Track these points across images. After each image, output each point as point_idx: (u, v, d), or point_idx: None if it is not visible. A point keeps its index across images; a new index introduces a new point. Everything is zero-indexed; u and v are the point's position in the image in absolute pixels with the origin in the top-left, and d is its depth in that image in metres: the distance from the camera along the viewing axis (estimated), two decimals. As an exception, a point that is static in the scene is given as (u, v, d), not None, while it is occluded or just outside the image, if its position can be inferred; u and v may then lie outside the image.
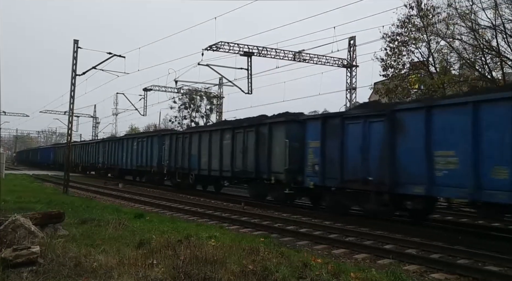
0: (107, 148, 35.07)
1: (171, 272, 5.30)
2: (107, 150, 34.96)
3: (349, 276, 5.66)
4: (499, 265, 7.84)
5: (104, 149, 35.87)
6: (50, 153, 56.94)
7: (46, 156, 58.68)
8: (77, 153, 44.09)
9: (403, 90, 21.98)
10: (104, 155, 35.87)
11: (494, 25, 18.78)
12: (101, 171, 37.33)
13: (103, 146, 36.24)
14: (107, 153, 34.90)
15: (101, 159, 36.83)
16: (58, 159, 50.01)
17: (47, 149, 63.58)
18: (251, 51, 26.28)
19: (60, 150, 48.85)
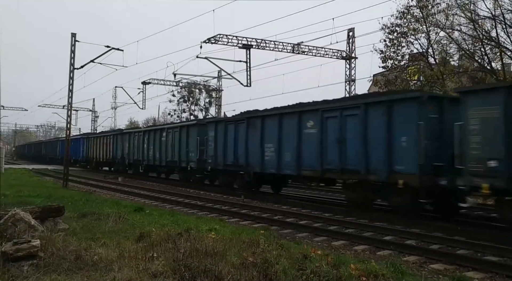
0: (129, 141, 30.88)
1: (171, 265, 5.31)
2: (129, 143, 30.79)
3: (349, 268, 5.67)
4: (499, 255, 7.87)
5: (123, 142, 31.94)
6: (58, 146, 50.10)
7: (57, 149, 50.93)
8: (91, 147, 39.74)
9: (402, 82, 21.93)
10: (124, 148, 31.73)
11: (493, 15, 18.70)
12: (119, 167, 33.18)
13: (122, 138, 32.37)
14: (129, 146, 30.59)
15: (120, 153, 32.53)
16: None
17: (52, 142, 58.33)
18: (250, 43, 26.17)
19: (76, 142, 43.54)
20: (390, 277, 5.67)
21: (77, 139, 43.84)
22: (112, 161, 34.31)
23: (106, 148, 35.46)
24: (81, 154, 42.24)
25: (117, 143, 33.38)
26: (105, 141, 35.86)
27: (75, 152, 42.18)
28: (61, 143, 46.80)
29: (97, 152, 37.75)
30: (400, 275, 5.98)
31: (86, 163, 41.64)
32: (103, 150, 36.22)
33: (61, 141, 46.42)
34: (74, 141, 42.30)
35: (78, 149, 42.91)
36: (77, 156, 43.18)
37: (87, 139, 41.10)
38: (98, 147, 37.50)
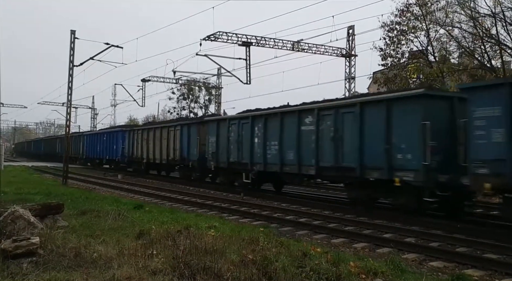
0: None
1: (170, 262, 5.31)
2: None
3: (349, 265, 5.67)
4: (498, 253, 7.88)
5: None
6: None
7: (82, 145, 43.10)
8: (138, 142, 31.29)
9: (402, 80, 21.91)
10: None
11: (493, 13, 18.65)
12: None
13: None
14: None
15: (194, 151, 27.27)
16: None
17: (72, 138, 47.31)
18: (250, 41, 26.12)
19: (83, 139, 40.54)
20: (389, 275, 5.68)
21: (112, 133, 34.51)
22: (180, 162, 23.86)
23: (169, 144, 24.63)
24: (121, 152, 31.52)
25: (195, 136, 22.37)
26: (169, 133, 24.81)
27: (108, 149, 34.13)
28: (86, 137, 40.64)
29: (150, 149, 27.01)
30: (399, 272, 5.99)
31: (129, 164, 31.55)
32: (163, 147, 25.34)
33: (87, 135, 41.27)
34: (108, 135, 34.62)
35: (110, 146, 33.66)
36: (112, 155, 33.55)
37: (131, 132, 30.27)
38: (153, 143, 26.68)
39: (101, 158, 36.47)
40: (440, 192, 10.33)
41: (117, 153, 32.44)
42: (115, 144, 32.82)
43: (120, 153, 31.76)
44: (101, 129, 46.97)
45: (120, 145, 31.65)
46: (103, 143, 35.73)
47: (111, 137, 33.86)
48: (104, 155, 35.22)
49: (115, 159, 33.20)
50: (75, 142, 43.08)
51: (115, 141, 32.83)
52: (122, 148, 31.37)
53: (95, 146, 37.76)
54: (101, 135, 36.86)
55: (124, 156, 31.19)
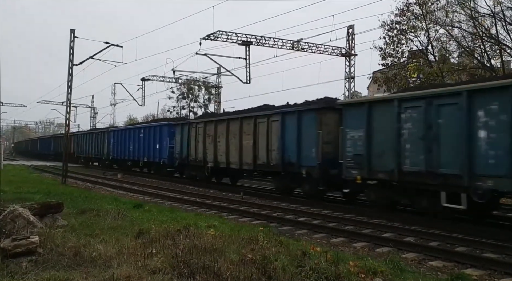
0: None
1: (170, 261, 5.31)
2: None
3: (348, 265, 5.68)
4: (497, 253, 7.88)
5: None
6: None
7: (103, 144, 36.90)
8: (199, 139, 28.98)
9: (402, 79, 21.91)
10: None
11: (493, 12, 18.66)
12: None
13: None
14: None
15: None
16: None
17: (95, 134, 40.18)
18: (249, 40, 26.10)
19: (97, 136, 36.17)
20: (389, 274, 5.68)
21: (153, 128, 27.24)
22: (279, 168, 15.90)
23: (258, 142, 16.86)
24: (168, 153, 24.54)
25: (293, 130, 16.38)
26: (257, 126, 17.02)
27: (147, 149, 27.21)
28: (114, 134, 33.19)
29: (221, 149, 19.31)
30: (399, 272, 6.00)
31: (181, 169, 24.34)
32: (246, 146, 17.66)
33: (115, 131, 33.68)
34: (147, 131, 27.59)
35: (151, 145, 26.73)
36: (152, 156, 26.58)
37: (186, 126, 22.52)
38: (225, 140, 18.92)
39: (135, 159, 29.32)
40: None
41: (161, 154, 25.25)
42: (159, 141, 25.69)
43: (166, 154, 24.56)
44: (136, 124, 40.56)
45: (167, 143, 24.62)
46: (138, 140, 28.47)
47: (152, 134, 26.71)
48: (141, 156, 28.12)
49: (157, 161, 25.75)
50: (96, 139, 36.78)
51: (159, 137, 25.72)
52: (170, 147, 24.13)
53: (126, 145, 30.56)
54: (136, 131, 29.47)
55: (173, 158, 23.57)
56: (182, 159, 22.62)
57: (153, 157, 26.65)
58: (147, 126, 28.84)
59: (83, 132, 45.74)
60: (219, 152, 19.25)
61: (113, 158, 33.38)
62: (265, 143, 16.41)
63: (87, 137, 40.20)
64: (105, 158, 34.86)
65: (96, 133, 37.74)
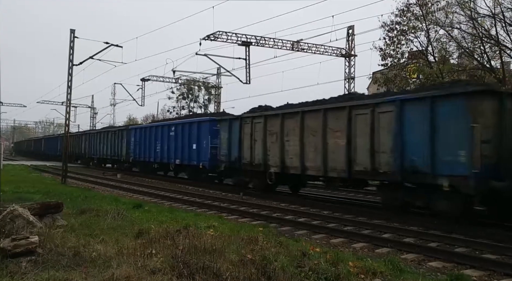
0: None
1: (170, 262, 5.31)
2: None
3: (348, 265, 5.68)
4: (497, 253, 7.88)
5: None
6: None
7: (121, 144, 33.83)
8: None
9: (402, 80, 21.92)
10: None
11: (493, 13, 18.67)
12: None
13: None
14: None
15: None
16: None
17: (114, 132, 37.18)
18: (249, 40, 26.13)
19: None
20: (388, 275, 5.69)
21: (189, 124, 22.93)
22: (392, 177, 11.71)
23: (355, 141, 12.44)
24: (210, 155, 20.50)
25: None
26: (354, 119, 12.65)
27: (179, 150, 23.17)
28: (136, 132, 29.00)
29: (290, 151, 15.08)
30: (398, 272, 6.00)
31: (228, 174, 19.65)
32: (332, 147, 13.53)
33: (138, 129, 29.59)
34: (180, 128, 23.46)
35: (185, 145, 22.67)
36: (187, 158, 22.46)
37: (237, 121, 18.16)
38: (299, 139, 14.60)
39: (164, 162, 25.41)
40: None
41: (200, 156, 21.11)
42: (197, 141, 21.43)
43: (207, 156, 20.45)
44: (165, 120, 34.76)
45: (207, 143, 20.47)
46: (168, 140, 24.45)
47: (187, 132, 22.47)
48: (171, 158, 24.15)
49: (195, 164, 21.55)
50: (113, 139, 32.57)
51: (197, 136, 21.49)
52: (213, 148, 20.07)
53: (151, 145, 26.60)
54: (165, 129, 25.23)
55: (217, 161, 19.31)
56: (231, 162, 18.13)
57: (188, 159, 22.26)
58: (181, 122, 24.34)
59: (96, 130, 42.16)
60: (288, 154, 14.95)
61: (135, 159, 29.15)
62: (368, 142, 12.00)
63: (101, 136, 35.70)
64: (124, 159, 30.67)
65: (113, 132, 33.07)
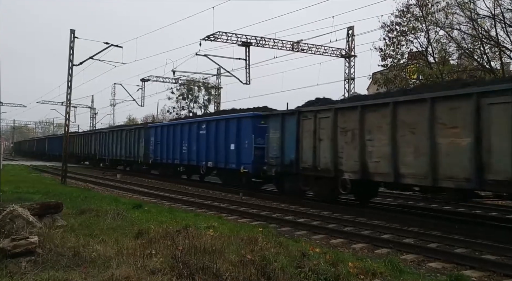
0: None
1: (169, 262, 5.31)
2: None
3: (347, 266, 5.68)
4: (496, 254, 7.88)
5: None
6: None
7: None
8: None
9: (402, 80, 21.95)
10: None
11: (493, 14, 18.70)
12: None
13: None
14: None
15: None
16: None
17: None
18: (249, 41, 26.13)
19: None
20: (388, 275, 5.69)
21: (224, 121, 19.53)
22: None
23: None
24: (253, 157, 17.32)
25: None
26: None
27: (215, 151, 19.71)
28: (162, 130, 25.47)
29: (383, 151, 11.64)
30: (398, 273, 6.00)
31: (281, 178, 16.13)
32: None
33: (164, 126, 26.15)
34: (230, 123, 19.00)
35: (222, 145, 19.27)
36: (224, 160, 19.13)
37: (299, 115, 14.64)
38: (423, 135, 10.53)
39: (193, 164, 21.81)
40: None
41: (240, 158, 17.92)
42: (236, 140, 18.28)
43: (250, 158, 17.25)
44: (195, 116, 30.66)
45: (251, 142, 17.31)
46: (198, 139, 21.08)
47: (223, 129, 19.22)
48: (202, 160, 20.73)
49: (233, 167, 18.32)
50: (128, 138, 29.51)
51: (236, 134, 18.30)
52: (258, 149, 16.96)
53: (176, 145, 23.36)
54: (194, 127, 21.77)
55: (262, 164, 16.29)
56: (284, 165, 15.08)
57: (224, 162, 18.97)
58: (214, 119, 20.63)
59: (108, 129, 38.80)
60: (372, 157, 12.06)
61: (155, 161, 25.87)
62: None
63: (114, 135, 32.55)
64: (141, 161, 27.64)
65: (129, 131, 29.97)
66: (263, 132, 16.79)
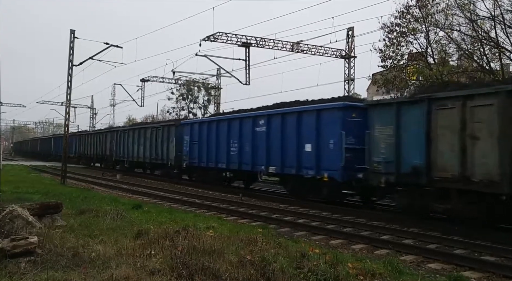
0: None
1: (169, 262, 5.31)
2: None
3: (347, 266, 5.68)
4: (496, 255, 7.89)
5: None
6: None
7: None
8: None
9: (401, 81, 21.95)
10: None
11: (493, 15, 18.69)
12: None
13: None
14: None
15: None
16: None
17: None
18: (249, 41, 26.12)
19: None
20: (387, 276, 5.69)
21: (316, 113, 14.54)
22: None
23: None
24: (349, 160, 13.15)
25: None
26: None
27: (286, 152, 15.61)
28: (182, 128, 22.73)
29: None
30: (397, 274, 6.00)
31: (393, 189, 11.89)
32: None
33: (186, 124, 22.76)
34: (306, 117, 14.99)
35: (290, 144, 15.49)
36: (302, 166, 14.91)
37: (437, 103, 10.42)
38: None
39: (246, 169, 17.86)
40: None
41: (322, 162, 14.13)
42: (313, 139, 14.43)
43: (338, 163, 13.33)
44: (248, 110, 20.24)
45: (338, 142, 13.45)
46: (254, 138, 17.08)
47: (296, 125, 15.22)
48: (259, 164, 16.89)
49: (312, 174, 14.39)
50: (154, 137, 25.51)
51: (315, 132, 14.39)
52: (349, 150, 13.27)
53: (220, 145, 19.34)
54: (249, 122, 17.59)
55: (356, 171, 12.96)
56: (403, 174, 11.12)
57: (296, 167, 15.04)
58: (280, 112, 16.26)
59: (128, 127, 34.02)
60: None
61: (191, 165, 21.55)
62: None
63: (135, 134, 28.41)
64: (172, 164, 23.27)
65: (155, 128, 25.90)
66: (355, 129, 13.14)
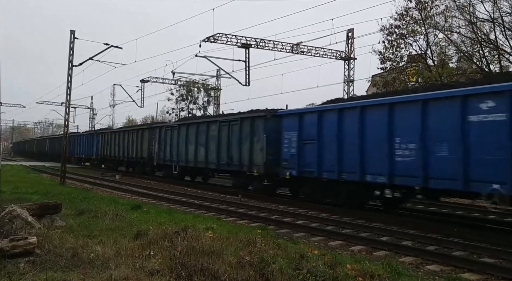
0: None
1: (168, 263, 5.31)
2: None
3: (346, 268, 5.69)
4: (494, 257, 7.90)
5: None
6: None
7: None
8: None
9: (401, 83, 21.99)
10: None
11: (492, 18, 18.75)
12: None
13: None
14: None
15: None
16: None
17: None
18: (249, 43, 26.15)
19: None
20: (386, 278, 5.69)
21: (468, 100, 9.27)
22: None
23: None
24: None
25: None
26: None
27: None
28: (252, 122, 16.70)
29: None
30: (396, 275, 6.01)
31: None
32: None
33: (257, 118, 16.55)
34: (438, 107, 9.92)
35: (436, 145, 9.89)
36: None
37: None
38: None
39: (369, 184, 12.01)
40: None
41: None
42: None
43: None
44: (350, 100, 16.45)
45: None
46: (361, 134, 12.09)
47: (419, 118, 10.39)
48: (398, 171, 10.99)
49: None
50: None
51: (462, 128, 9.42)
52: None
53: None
54: (349, 115, 12.63)
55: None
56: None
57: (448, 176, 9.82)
58: (393, 100, 11.46)
59: (180, 122, 25.07)
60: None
61: (303, 173, 14.36)
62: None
63: (193, 131, 21.43)
64: (261, 173, 16.40)
65: (228, 122, 18.89)
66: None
